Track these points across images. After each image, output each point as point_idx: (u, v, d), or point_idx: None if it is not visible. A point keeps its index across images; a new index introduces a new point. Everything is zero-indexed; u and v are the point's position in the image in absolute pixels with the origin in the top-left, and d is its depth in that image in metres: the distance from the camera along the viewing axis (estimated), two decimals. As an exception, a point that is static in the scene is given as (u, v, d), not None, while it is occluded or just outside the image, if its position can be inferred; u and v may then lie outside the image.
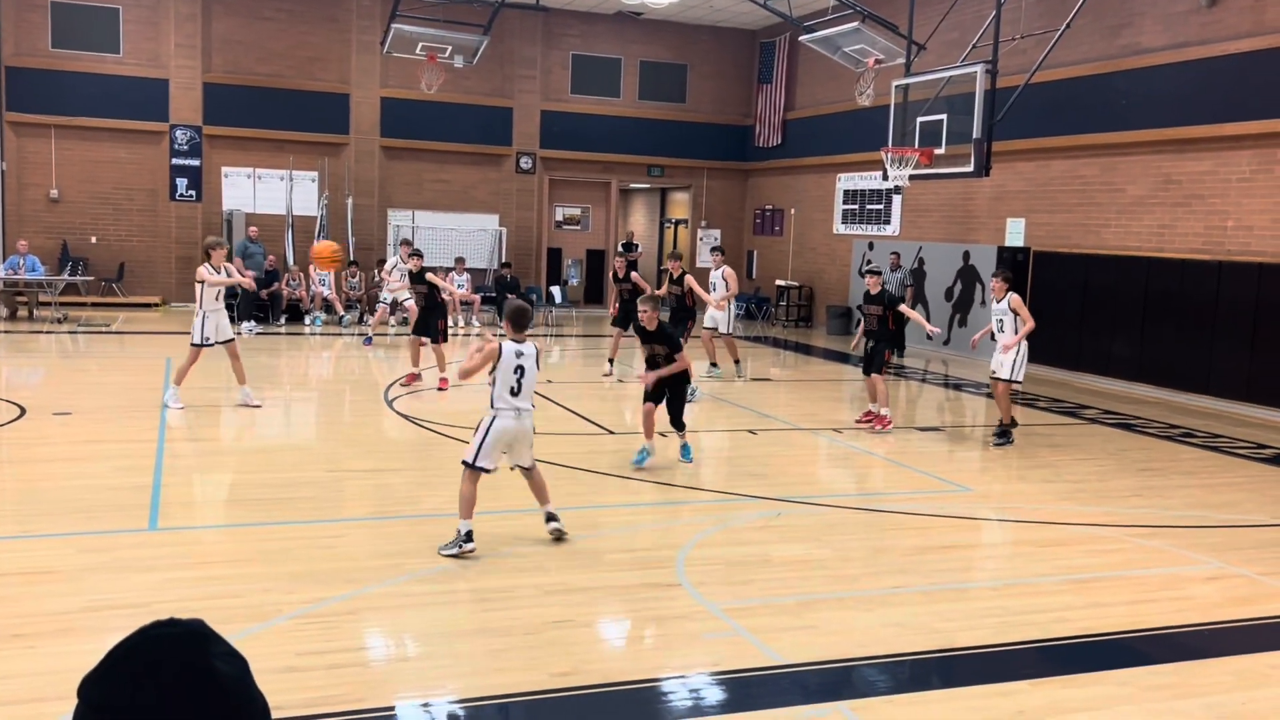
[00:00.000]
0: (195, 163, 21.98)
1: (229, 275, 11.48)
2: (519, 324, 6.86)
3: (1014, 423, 11.21)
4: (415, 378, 13.29)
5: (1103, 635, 5.75)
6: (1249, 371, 13.76)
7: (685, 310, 13.98)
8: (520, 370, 6.71)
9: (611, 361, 14.73)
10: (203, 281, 11.07)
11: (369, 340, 17.60)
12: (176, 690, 1.09)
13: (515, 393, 6.71)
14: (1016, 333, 10.90)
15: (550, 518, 6.99)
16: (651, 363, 9.39)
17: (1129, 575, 6.85)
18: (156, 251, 22.06)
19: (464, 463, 6.72)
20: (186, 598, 5.70)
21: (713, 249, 15.47)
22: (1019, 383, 11.08)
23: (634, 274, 15.06)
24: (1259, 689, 5.12)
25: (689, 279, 13.98)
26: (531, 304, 9.67)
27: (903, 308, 11.78)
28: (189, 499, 8.02)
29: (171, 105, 21.73)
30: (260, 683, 4.33)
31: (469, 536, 6.58)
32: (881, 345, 11.54)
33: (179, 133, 21.81)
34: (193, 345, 11.21)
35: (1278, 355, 13.38)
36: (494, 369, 6.69)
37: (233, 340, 11.45)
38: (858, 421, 11.83)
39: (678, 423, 9.49)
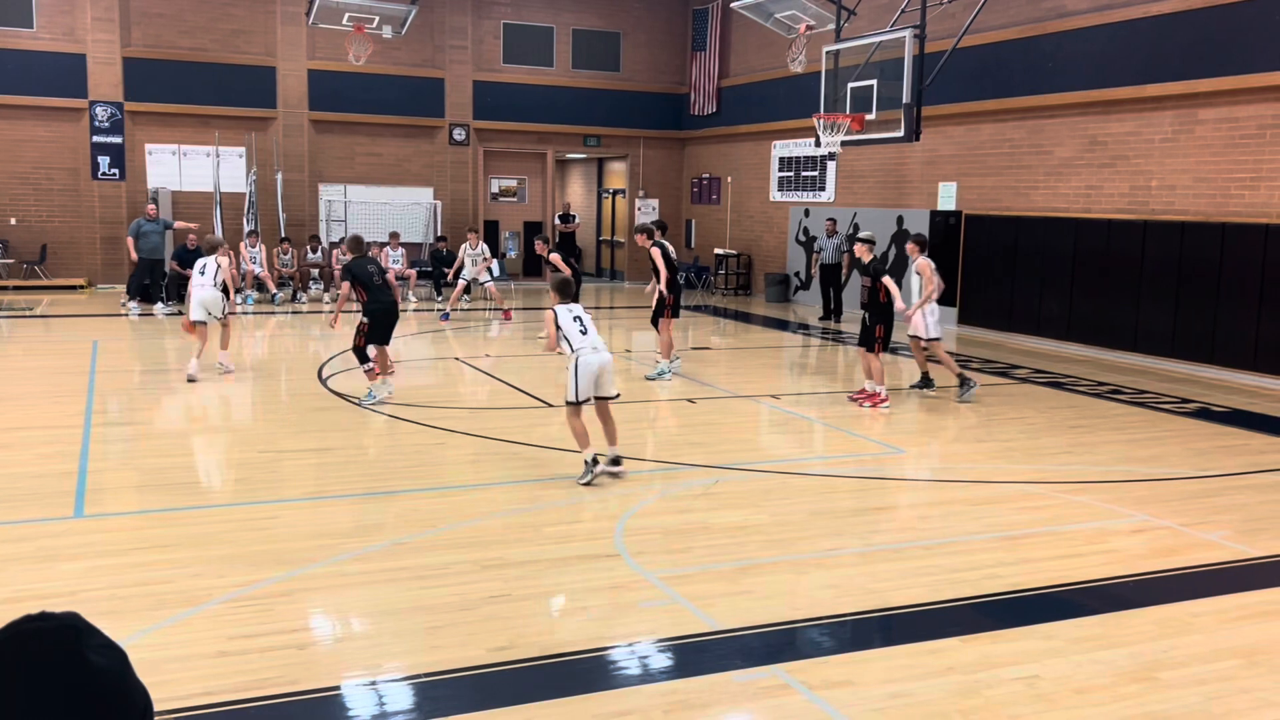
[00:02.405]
0: (117, 140, 21.40)
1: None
2: (564, 293, 8.14)
3: (929, 379, 11.73)
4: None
5: (1032, 590, 5.88)
6: (1173, 328, 14.09)
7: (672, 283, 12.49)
8: (579, 319, 7.95)
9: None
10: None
11: (446, 316, 17.78)
12: (50, 686, 1.05)
13: (584, 333, 7.91)
14: (920, 295, 11.41)
15: (615, 460, 7.96)
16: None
17: (1058, 530, 7.00)
18: (80, 232, 21.49)
19: (567, 402, 7.88)
20: (114, 585, 5.59)
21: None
22: (937, 339, 11.54)
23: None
24: (1181, 636, 5.27)
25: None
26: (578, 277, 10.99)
27: (886, 280, 10.84)
28: (117, 484, 7.85)
29: (90, 81, 21.09)
30: (191, 668, 4.25)
31: (594, 461, 7.77)
32: (873, 319, 10.94)
33: (99, 109, 21.20)
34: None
35: (1200, 312, 13.72)
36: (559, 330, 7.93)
37: (218, 320, 12.31)
38: (850, 399, 11.28)
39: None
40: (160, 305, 18.72)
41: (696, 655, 4.96)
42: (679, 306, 12.80)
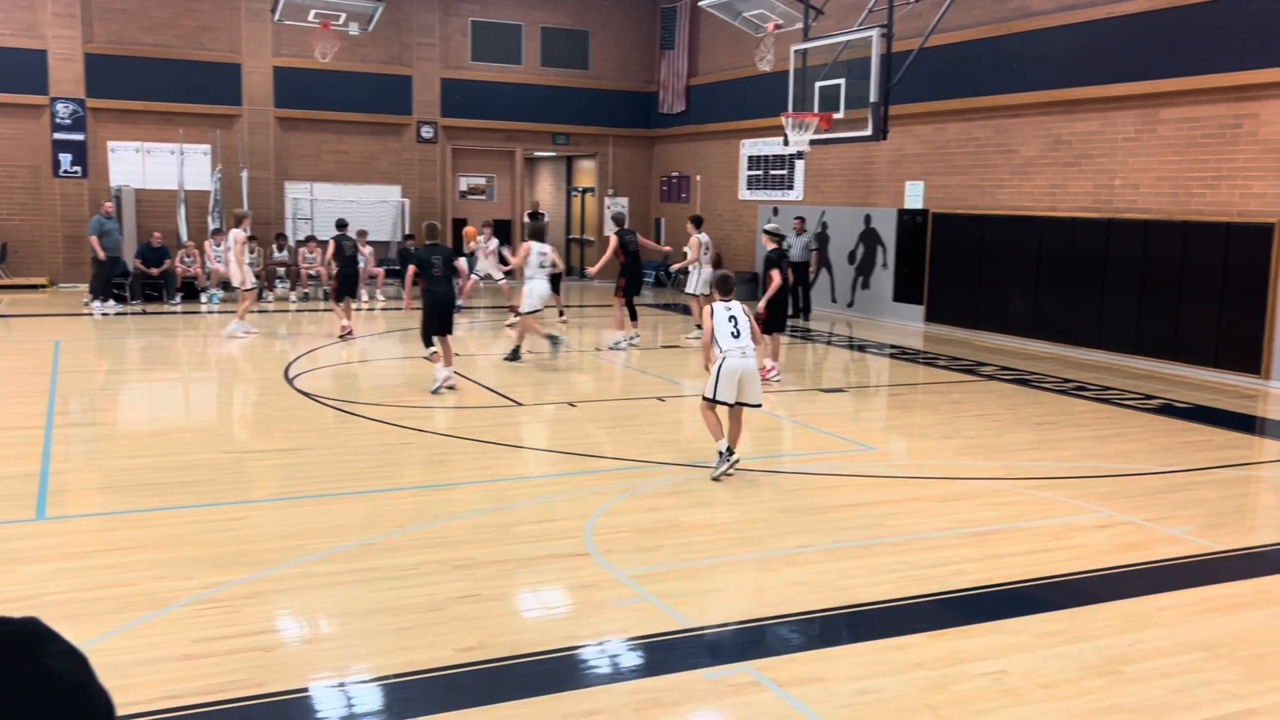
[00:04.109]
0: (79, 137, 21.10)
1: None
2: (724, 289, 8.21)
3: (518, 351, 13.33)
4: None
5: (999, 585, 5.93)
6: (1137, 325, 14.25)
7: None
8: (733, 319, 7.91)
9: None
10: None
11: (460, 308, 17.94)
12: (8, 693, 1.02)
13: (735, 335, 7.86)
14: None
15: (730, 454, 7.99)
16: None
17: (1024, 526, 7.06)
18: (41, 231, 21.17)
19: (703, 398, 7.95)
20: (77, 587, 5.52)
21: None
22: (532, 312, 13.23)
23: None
24: (1145, 630, 5.32)
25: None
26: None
27: (773, 271, 12.07)
28: (79, 486, 7.74)
29: (51, 77, 20.79)
30: (156, 671, 4.19)
31: (729, 452, 7.90)
32: (767, 304, 12.15)
33: (60, 106, 20.89)
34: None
35: (1164, 309, 13.88)
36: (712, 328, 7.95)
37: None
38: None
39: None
40: (113, 303, 18.44)
41: (666, 653, 4.96)
42: (629, 290, 14.99)
